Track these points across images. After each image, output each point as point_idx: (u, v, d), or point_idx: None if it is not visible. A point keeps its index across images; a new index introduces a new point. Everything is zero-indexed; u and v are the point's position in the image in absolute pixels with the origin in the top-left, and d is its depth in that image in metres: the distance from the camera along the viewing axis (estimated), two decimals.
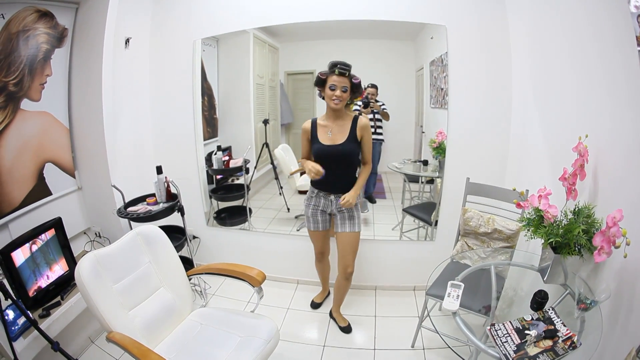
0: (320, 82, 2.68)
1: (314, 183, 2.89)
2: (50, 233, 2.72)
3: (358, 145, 2.78)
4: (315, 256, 3.23)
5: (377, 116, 3.58)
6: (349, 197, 2.70)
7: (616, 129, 1.76)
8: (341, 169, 2.78)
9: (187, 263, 3.38)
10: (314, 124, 2.82)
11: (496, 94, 3.11)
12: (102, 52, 2.97)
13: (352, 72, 2.63)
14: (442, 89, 3.15)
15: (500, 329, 1.66)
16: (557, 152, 2.35)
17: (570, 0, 2.13)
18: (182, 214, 3.22)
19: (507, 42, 3.02)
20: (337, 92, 2.61)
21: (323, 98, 2.74)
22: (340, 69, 2.57)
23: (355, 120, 2.76)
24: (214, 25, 3.47)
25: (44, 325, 2.34)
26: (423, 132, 3.48)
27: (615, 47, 1.72)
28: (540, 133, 2.62)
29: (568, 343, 1.53)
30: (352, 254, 2.91)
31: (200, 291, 3.51)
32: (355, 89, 2.70)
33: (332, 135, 2.75)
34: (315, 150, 2.76)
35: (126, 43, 3.33)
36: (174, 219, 3.33)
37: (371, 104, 3.47)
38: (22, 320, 2.25)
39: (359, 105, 3.45)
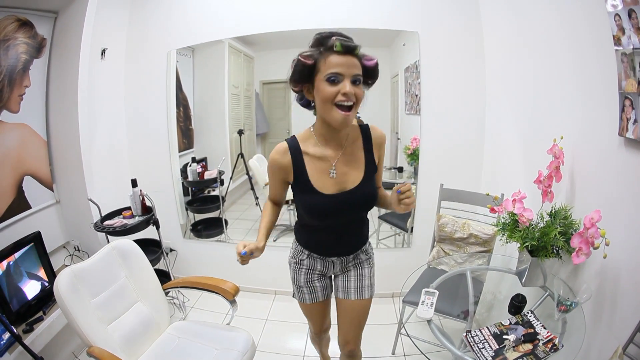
0: (305, 75, 1.51)
1: (302, 242, 1.89)
2: (30, 247, 2.65)
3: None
4: (311, 334, 2.31)
5: None
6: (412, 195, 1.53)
7: (592, 129, 1.77)
8: (351, 221, 1.78)
9: (165, 276, 3.35)
10: (296, 153, 1.64)
11: (470, 99, 3.13)
12: (79, 63, 2.94)
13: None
14: (416, 95, 3.15)
15: (477, 335, 1.63)
16: (533, 155, 2.35)
17: (546, 2, 2.14)
18: (157, 227, 3.17)
19: (480, 45, 3.04)
20: (347, 87, 1.43)
21: (308, 106, 1.66)
22: (344, 40, 1.44)
23: (366, 133, 1.73)
24: (189, 36, 3.43)
25: (28, 340, 2.30)
26: (398, 139, 3.48)
27: (591, 47, 1.73)
28: (516, 137, 2.63)
29: (549, 345, 1.51)
30: (358, 328, 1.98)
31: (179, 304, 3.44)
32: (370, 78, 1.60)
33: (339, 173, 1.65)
34: (312, 205, 1.67)
35: (102, 54, 3.28)
36: (151, 232, 3.27)
37: None
38: (7, 335, 2.19)
39: None
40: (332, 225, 1.75)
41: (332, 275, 2.00)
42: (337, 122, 1.48)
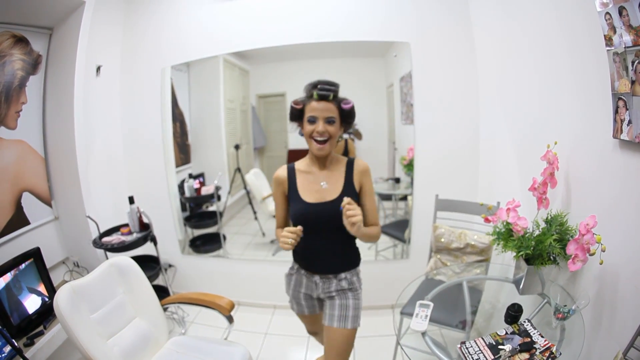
0: (297, 115, 1.94)
1: (295, 254, 2.14)
2: (30, 262, 2.64)
3: (357, 199, 1.98)
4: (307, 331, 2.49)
5: (351, 136, 3.56)
6: (355, 209, 1.72)
7: (587, 132, 1.75)
8: (332, 237, 1.98)
9: (164, 292, 3.38)
10: (291, 171, 2.03)
11: (463, 108, 3.14)
12: (74, 80, 2.94)
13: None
14: (411, 105, 3.15)
15: (471, 346, 1.60)
16: (529, 162, 2.33)
17: (537, 6, 2.13)
18: (155, 244, 3.17)
19: (473, 53, 3.05)
20: (320, 126, 1.83)
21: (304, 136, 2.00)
22: (322, 89, 1.84)
23: (350, 164, 2.02)
24: (183, 52, 3.45)
25: (29, 354, 2.30)
26: (395, 149, 3.46)
27: (584, 50, 1.71)
28: (511, 144, 2.61)
29: (547, 354, 1.48)
30: (340, 358, 2.03)
31: (179, 319, 3.42)
32: (347, 118, 1.93)
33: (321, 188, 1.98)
34: (296, 212, 1.96)
35: (97, 71, 3.29)
36: (150, 248, 3.27)
37: None
38: (7, 348, 2.18)
39: None
40: (317, 238, 1.95)
41: (320, 300, 2.14)
42: (314, 151, 1.92)
